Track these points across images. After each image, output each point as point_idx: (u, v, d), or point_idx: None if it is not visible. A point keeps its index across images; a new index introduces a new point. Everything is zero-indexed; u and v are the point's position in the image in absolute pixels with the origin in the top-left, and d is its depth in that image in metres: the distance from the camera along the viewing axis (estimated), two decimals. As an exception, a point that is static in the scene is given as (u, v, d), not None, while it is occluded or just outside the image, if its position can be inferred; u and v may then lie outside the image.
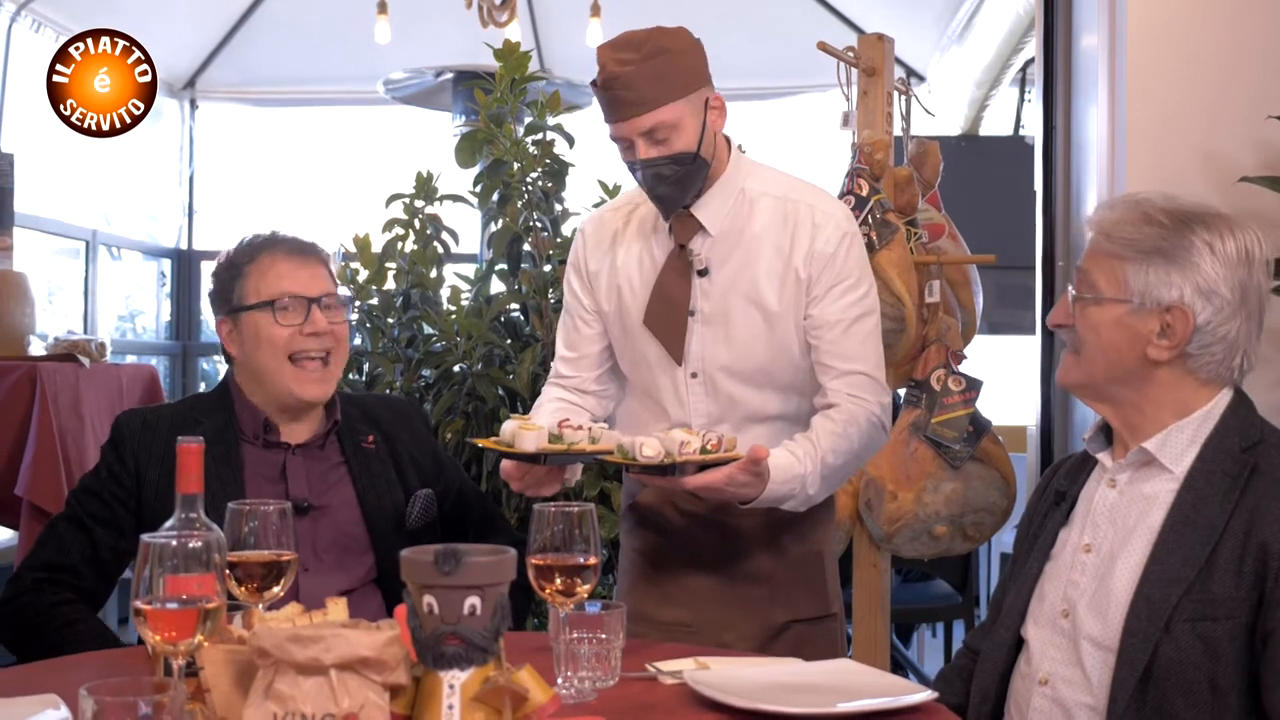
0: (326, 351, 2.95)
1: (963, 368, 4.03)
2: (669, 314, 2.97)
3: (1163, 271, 2.31)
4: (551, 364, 3.21)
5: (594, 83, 2.84)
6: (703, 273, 2.96)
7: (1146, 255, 2.32)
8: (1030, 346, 4.65)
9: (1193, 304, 2.29)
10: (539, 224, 4.64)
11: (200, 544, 1.83)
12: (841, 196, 3.99)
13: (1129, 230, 2.35)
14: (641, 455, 2.59)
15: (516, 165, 4.59)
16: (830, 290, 2.92)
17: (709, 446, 2.66)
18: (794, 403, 3.04)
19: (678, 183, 2.87)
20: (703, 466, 2.65)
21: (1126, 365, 2.35)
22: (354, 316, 4.30)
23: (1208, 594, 2.21)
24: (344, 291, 4.49)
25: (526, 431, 2.60)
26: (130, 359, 7.82)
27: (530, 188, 4.64)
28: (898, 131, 4.39)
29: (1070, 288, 2.45)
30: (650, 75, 2.78)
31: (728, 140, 3.00)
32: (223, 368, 8.71)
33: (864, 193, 3.97)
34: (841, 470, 2.93)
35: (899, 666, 5.92)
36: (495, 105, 4.61)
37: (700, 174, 2.89)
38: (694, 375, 3.01)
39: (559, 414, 2.95)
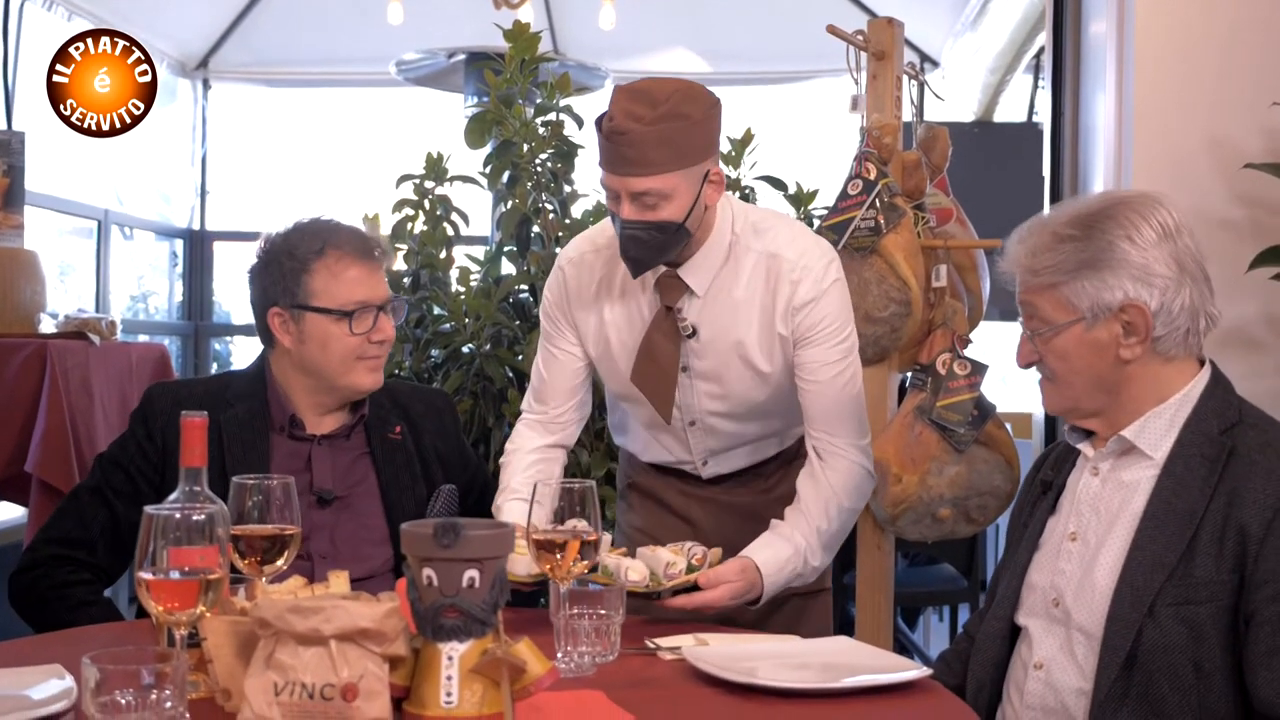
0: (384, 352, 2.97)
1: (968, 352, 4.03)
2: (657, 374, 2.95)
3: (1097, 279, 2.29)
4: (525, 396, 3.17)
5: (599, 123, 2.76)
6: (690, 335, 2.94)
7: (1075, 272, 2.31)
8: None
9: (1139, 296, 2.29)
10: (548, 205, 4.65)
11: (203, 517, 1.86)
12: (849, 180, 3.99)
13: (1047, 257, 2.33)
14: (626, 580, 2.53)
15: (526, 146, 4.60)
16: (808, 338, 2.90)
17: (694, 562, 2.64)
18: (786, 420, 3.09)
19: (653, 248, 2.79)
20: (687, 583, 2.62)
21: (1105, 375, 2.34)
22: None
23: (1190, 578, 2.22)
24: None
25: (519, 556, 2.43)
26: (143, 339, 7.83)
27: (540, 169, 4.65)
28: (907, 116, 4.39)
29: (1023, 328, 2.44)
30: (658, 139, 2.68)
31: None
32: (235, 348, 8.78)
33: (871, 176, 3.97)
34: (841, 531, 2.94)
35: (904, 649, 5.93)
36: (505, 86, 4.61)
37: (679, 243, 2.81)
38: (692, 423, 3.04)
39: (534, 481, 2.69)
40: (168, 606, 1.83)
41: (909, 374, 4.17)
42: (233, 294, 8.93)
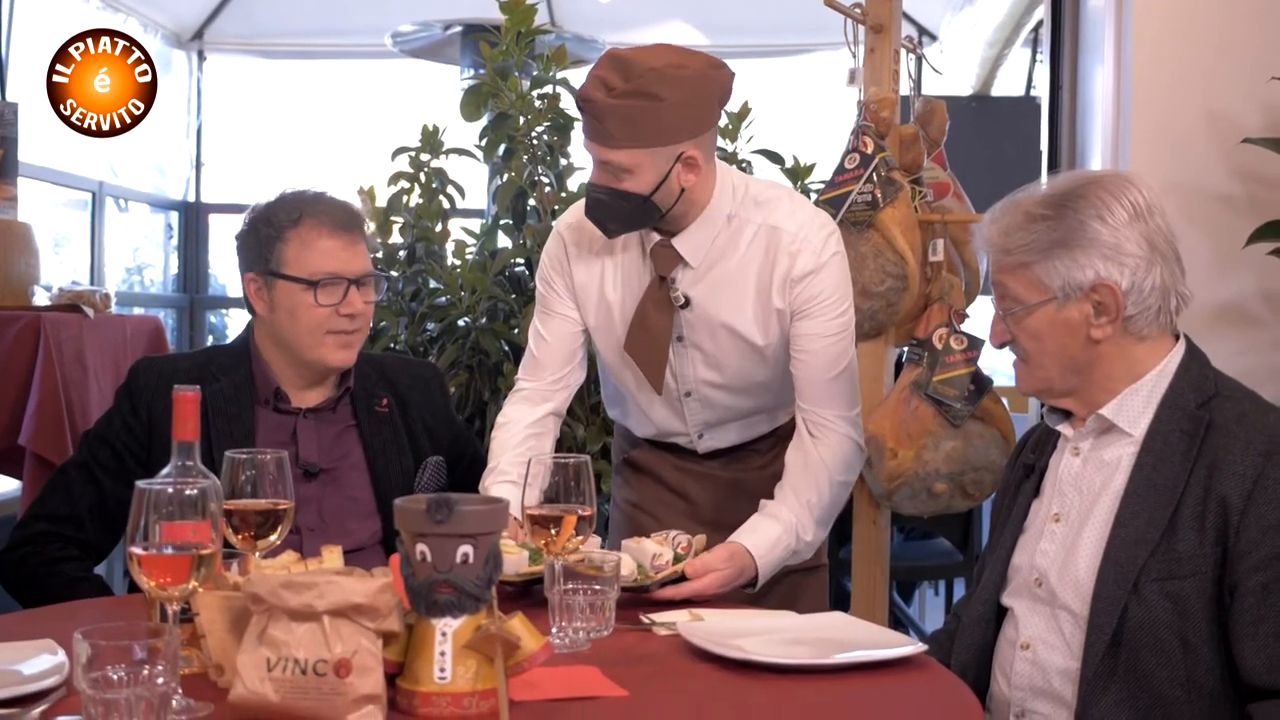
0: (356, 329, 2.92)
1: (965, 327, 4.02)
2: (649, 344, 2.93)
3: (1069, 259, 2.29)
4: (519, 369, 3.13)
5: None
6: (684, 305, 2.91)
7: (1047, 251, 2.30)
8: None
9: (1110, 275, 2.28)
10: (544, 178, 4.64)
11: (196, 491, 1.84)
12: (846, 154, 3.97)
13: (1020, 236, 2.33)
14: None
15: (522, 119, 4.59)
16: (805, 310, 2.88)
17: (679, 551, 2.61)
18: (780, 395, 3.07)
19: (615, 214, 2.77)
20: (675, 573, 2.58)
21: (1076, 355, 2.34)
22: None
23: (1173, 553, 2.22)
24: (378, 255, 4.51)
25: (507, 555, 2.42)
26: (138, 311, 7.81)
27: (536, 142, 4.63)
28: (905, 90, 4.37)
29: (995, 308, 2.43)
30: (622, 115, 2.65)
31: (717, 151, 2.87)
32: (230, 321, 8.76)
33: (869, 150, 3.95)
34: (834, 504, 2.92)
35: (899, 624, 5.93)
36: (501, 59, 4.60)
37: (647, 216, 2.78)
38: (688, 394, 3.02)
39: (523, 462, 2.70)
40: (160, 581, 1.82)
41: (905, 349, 4.16)
42: (228, 266, 8.90)
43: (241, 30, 8.79)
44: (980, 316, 4.19)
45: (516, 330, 4.45)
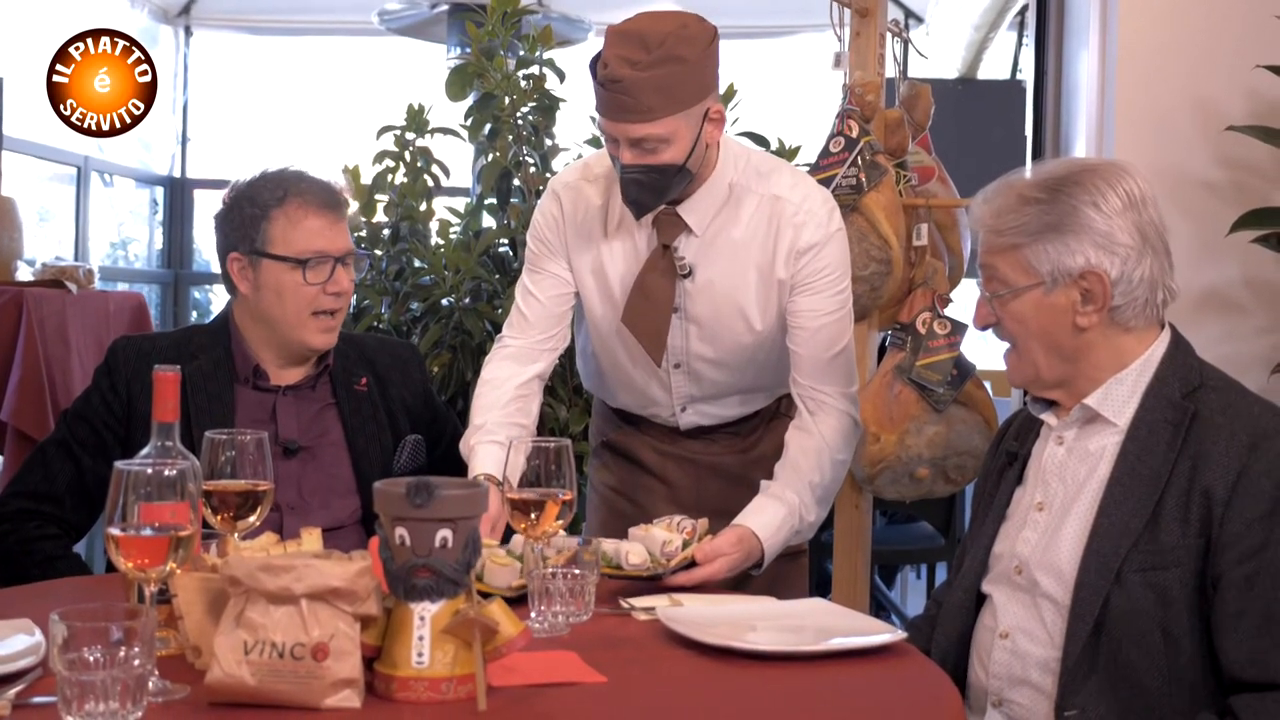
0: (340, 308, 2.94)
1: (949, 311, 4.02)
2: (651, 314, 2.91)
3: (1060, 244, 2.28)
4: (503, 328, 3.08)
5: (592, 67, 2.71)
6: (686, 274, 2.91)
7: (1038, 234, 2.29)
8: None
9: (1100, 263, 2.27)
10: (529, 159, 4.63)
11: (175, 472, 1.84)
12: (831, 138, 3.97)
13: (1011, 218, 2.32)
14: (628, 564, 2.49)
15: (507, 99, 4.58)
16: (808, 284, 2.88)
17: (685, 536, 2.60)
18: (774, 375, 3.06)
19: (655, 191, 2.76)
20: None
21: (1062, 342, 2.33)
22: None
23: (1156, 543, 2.22)
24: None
25: (500, 567, 2.41)
26: (123, 287, 7.80)
27: (521, 122, 4.62)
28: (890, 73, 4.36)
29: (981, 289, 2.42)
30: (654, 85, 2.63)
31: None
32: (215, 297, 8.74)
33: (854, 134, 3.94)
34: (834, 483, 2.92)
35: (881, 607, 5.94)
36: (486, 38, 4.58)
37: (680, 184, 2.78)
38: (677, 366, 3.01)
39: (512, 420, 2.85)
40: (137, 563, 1.81)
41: (889, 333, 4.16)
42: (213, 242, 8.86)
43: (228, 6, 8.76)
44: (964, 301, 4.19)
45: (500, 310, 4.44)
